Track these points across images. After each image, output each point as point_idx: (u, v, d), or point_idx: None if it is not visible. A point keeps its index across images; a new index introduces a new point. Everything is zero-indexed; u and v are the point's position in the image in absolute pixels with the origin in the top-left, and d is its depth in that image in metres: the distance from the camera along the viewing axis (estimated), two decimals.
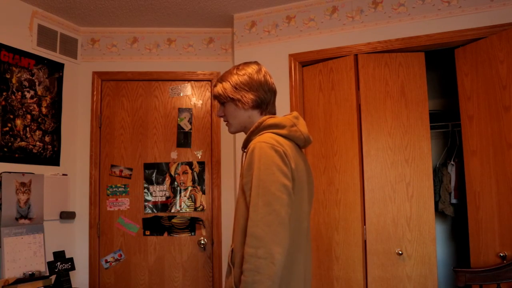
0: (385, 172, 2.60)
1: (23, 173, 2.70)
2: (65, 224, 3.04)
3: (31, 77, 2.84)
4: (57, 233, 2.96)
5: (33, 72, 2.85)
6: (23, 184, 2.68)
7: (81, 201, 3.15)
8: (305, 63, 2.90)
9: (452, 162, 3.42)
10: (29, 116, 2.81)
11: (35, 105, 2.86)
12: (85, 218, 3.13)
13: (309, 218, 1.54)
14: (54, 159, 2.98)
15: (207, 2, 2.87)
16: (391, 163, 2.60)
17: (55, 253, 2.80)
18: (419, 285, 2.48)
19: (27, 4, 2.84)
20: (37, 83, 2.88)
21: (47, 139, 2.94)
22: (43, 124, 2.91)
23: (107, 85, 3.26)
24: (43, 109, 2.92)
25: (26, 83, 2.80)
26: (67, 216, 3.02)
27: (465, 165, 2.51)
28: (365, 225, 2.59)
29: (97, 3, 2.86)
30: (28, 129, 2.80)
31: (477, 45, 2.47)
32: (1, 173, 2.57)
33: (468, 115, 2.51)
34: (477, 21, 2.44)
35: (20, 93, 2.76)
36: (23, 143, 2.75)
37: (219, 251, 3.12)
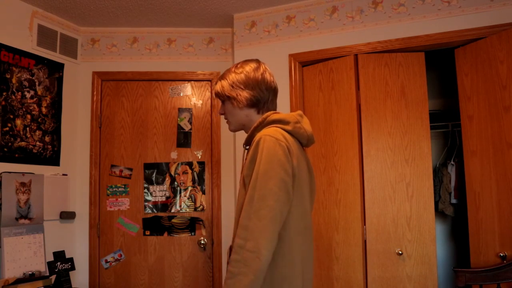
0: (385, 172, 2.60)
1: (23, 173, 2.70)
2: (65, 224, 3.04)
3: (31, 77, 2.84)
4: (57, 233, 2.96)
5: (33, 72, 2.85)
6: (23, 184, 2.68)
7: (81, 201, 3.15)
8: (305, 63, 2.90)
9: (452, 162, 3.42)
10: (29, 116, 2.81)
11: (35, 105, 2.86)
12: (85, 218, 3.13)
13: (311, 217, 1.53)
14: (54, 159, 2.98)
15: (207, 2, 2.87)
16: (391, 163, 2.60)
17: (55, 253, 2.81)
18: (419, 285, 2.48)
19: (27, 4, 2.84)
20: (37, 83, 2.88)
21: (47, 139, 2.94)
22: (43, 124, 2.91)
23: (107, 85, 3.26)
24: (43, 109, 2.92)
25: (26, 83, 2.80)
26: (67, 216, 3.02)
27: (465, 165, 2.51)
28: (365, 225, 2.59)
29: (97, 3, 2.86)
30: (28, 129, 2.80)
31: (477, 45, 2.47)
32: (1, 173, 2.57)
33: (468, 115, 2.51)
34: (477, 21, 2.44)
35: (20, 93, 2.76)
36: (23, 143, 2.75)
37: (219, 251, 3.12)
